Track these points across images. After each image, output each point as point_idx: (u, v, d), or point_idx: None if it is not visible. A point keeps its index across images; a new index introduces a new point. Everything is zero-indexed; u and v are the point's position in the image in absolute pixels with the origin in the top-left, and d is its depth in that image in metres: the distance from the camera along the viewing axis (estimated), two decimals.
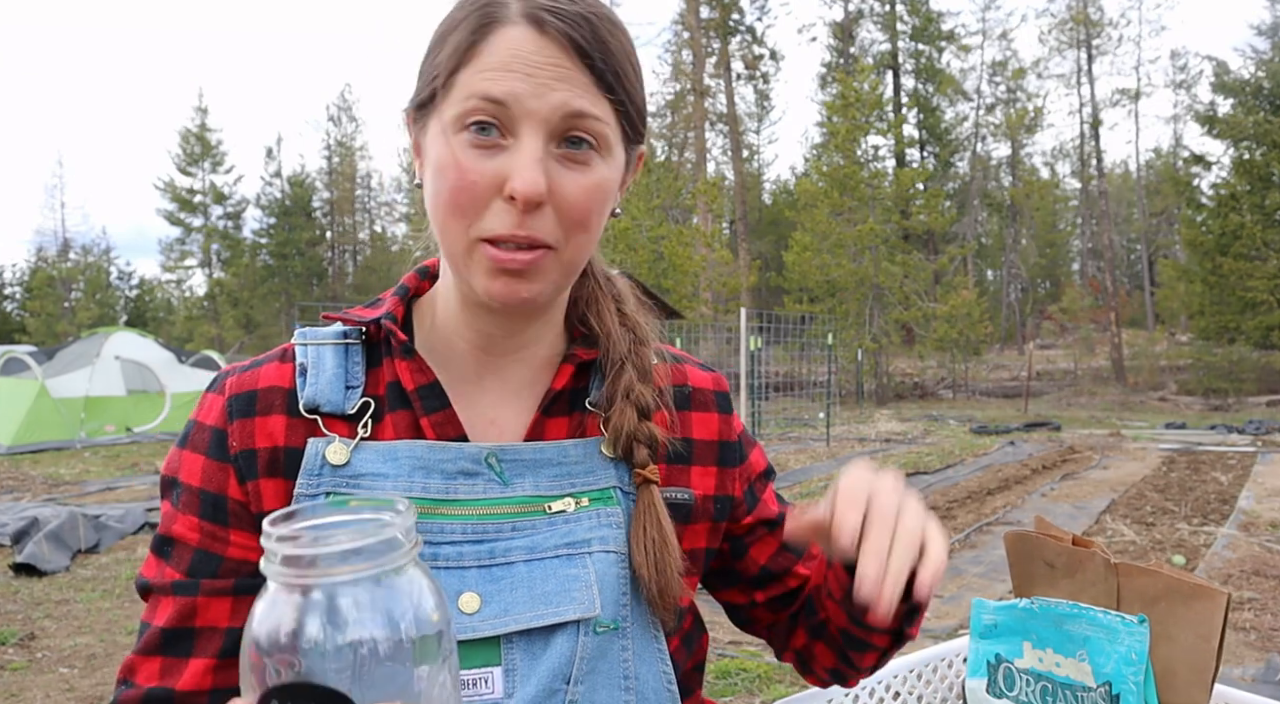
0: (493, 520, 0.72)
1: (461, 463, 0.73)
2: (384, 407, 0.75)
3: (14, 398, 12.55)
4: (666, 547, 0.75)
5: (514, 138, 0.68)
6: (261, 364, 0.77)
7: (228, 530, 0.72)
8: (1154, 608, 0.91)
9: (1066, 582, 1.00)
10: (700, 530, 0.83)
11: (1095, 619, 0.94)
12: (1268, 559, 5.42)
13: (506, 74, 0.67)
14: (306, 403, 0.73)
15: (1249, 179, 20.44)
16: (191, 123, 38.41)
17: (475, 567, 0.71)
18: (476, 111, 0.67)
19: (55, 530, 5.98)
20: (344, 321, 0.79)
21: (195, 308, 40.97)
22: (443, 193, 0.69)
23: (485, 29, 0.68)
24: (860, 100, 22.00)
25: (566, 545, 0.73)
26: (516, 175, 0.67)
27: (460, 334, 0.78)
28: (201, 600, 0.71)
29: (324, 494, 0.71)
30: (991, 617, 1.03)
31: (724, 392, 0.90)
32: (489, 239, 0.69)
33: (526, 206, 0.67)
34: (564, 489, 0.76)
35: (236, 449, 0.72)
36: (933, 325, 22.22)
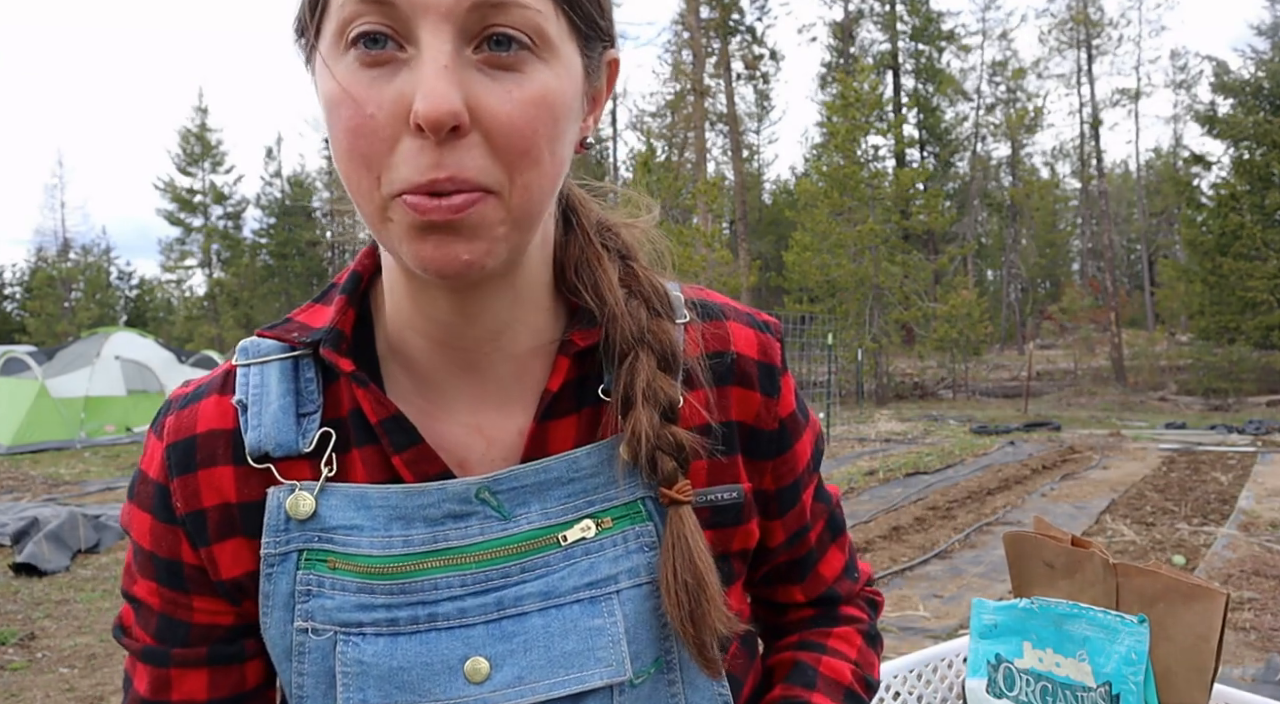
0: (496, 565, 0.60)
1: (447, 505, 0.60)
2: (349, 436, 0.62)
3: (14, 398, 12.55)
4: (704, 591, 0.60)
5: (414, 46, 0.51)
6: (201, 399, 0.64)
7: (189, 596, 0.63)
8: (1153, 608, 0.91)
9: (1066, 582, 1.00)
10: (753, 528, 0.70)
11: (1095, 619, 0.94)
12: (1268, 559, 5.42)
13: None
14: (252, 450, 0.61)
15: (1249, 179, 20.44)
16: (191, 123, 38.41)
17: (481, 623, 0.59)
18: (356, 16, 0.50)
19: (55, 530, 5.98)
20: (283, 339, 0.63)
21: (195, 308, 40.95)
22: (339, 138, 0.52)
23: None
24: (860, 100, 22.00)
25: (589, 586, 0.61)
26: (419, 93, 0.49)
27: (412, 326, 0.62)
28: (175, 672, 0.64)
29: (296, 552, 0.60)
30: (991, 617, 1.03)
31: (770, 363, 0.70)
32: (404, 191, 0.52)
33: (439, 134, 0.49)
34: (580, 511, 0.62)
35: (183, 511, 0.61)
36: (933, 325, 22.22)
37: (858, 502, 7.69)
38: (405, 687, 0.58)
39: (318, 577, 0.60)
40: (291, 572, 0.60)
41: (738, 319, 0.70)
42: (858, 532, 6.38)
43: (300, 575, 0.60)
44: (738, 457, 0.68)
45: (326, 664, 0.59)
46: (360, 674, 0.58)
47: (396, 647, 0.58)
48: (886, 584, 5.14)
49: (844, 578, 0.80)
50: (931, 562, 5.62)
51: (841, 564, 0.80)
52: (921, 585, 5.11)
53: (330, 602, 0.59)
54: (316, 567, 0.60)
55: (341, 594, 0.59)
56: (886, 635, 4.27)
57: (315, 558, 0.60)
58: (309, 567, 0.60)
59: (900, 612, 4.63)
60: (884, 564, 5.53)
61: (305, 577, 0.60)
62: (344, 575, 0.59)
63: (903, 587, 5.09)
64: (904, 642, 4.16)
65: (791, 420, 0.72)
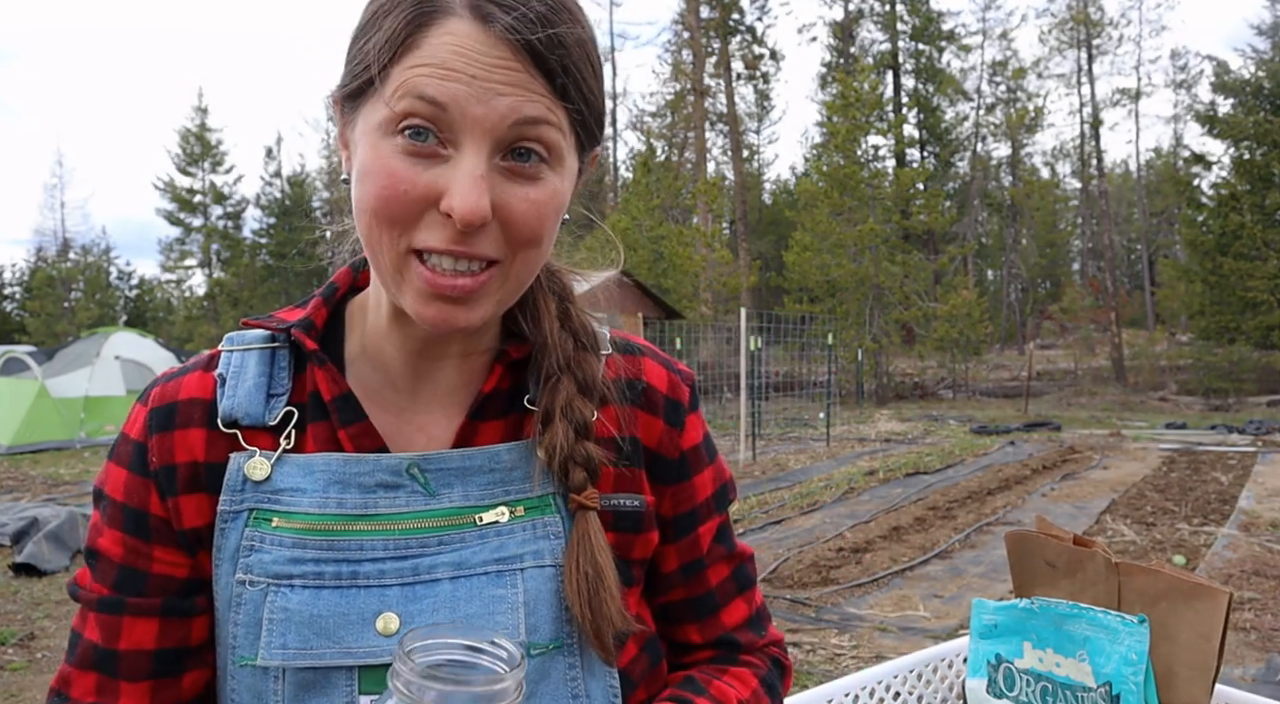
0: (417, 535, 0.68)
1: (380, 475, 0.69)
2: (307, 415, 0.71)
3: (14, 398, 12.55)
4: (602, 582, 0.68)
5: (454, 148, 0.61)
6: (186, 373, 0.73)
7: (150, 546, 0.70)
8: (1155, 607, 0.91)
9: (1067, 581, 1.00)
10: (649, 539, 0.77)
11: (1095, 619, 0.93)
12: (1268, 559, 5.42)
13: (448, 74, 0.60)
14: (224, 417, 0.70)
15: (1249, 179, 20.45)
16: (191, 123, 38.43)
17: (397, 585, 0.67)
18: (412, 114, 0.60)
19: (55, 530, 5.98)
20: (264, 327, 0.74)
21: (195, 308, 40.96)
22: (369, 199, 0.62)
23: (425, 18, 0.60)
24: (860, 100, 22.00)
25: (497, 561, 0.68)
26: (456, 194, 0.60)
27: (390, 340, 0.73)
28: (128, 620, 0.69)
29: (247, 511, 0.67)
30: (992, 617, 1.03)
31: (676, 400, 0.79)
32: (422, 250, 0.63)
33: (466, 227, 0.61)
34: (496, 498, 0.70)
35: (156, 464, 0.69)
36: (933, 325, 22.23)
37: (858, 502, 7.69)
38: (322, 633, 0.65)
39: (260, 533, 0.67)
40: (240, 528, 0.68)
41: (655, 359, 0.81)
42: (858, 531, 6.38)
43: (246, 532, 0.67)
44: (641, 472, 0.77)
45: (258, 614, 0.66)
46: (284, 620, 0.65)
47: (319, 598, 0.66)
48: (886, 584, 5.14)
49: (747, 629, 0.83)
50: (932, 562, 5.62)
51: (745, 616, 0.84)
52: (922, 585, 5.11)
53: (267, 556, 0.67)
54: (261, 525, 0.68)
55: (278, 549, 0.67)
56: (886, 636, 4.27)
57: (262, 517, 0.68)
58: (255, 524, 0.68)
59: (900, 612, 4.63)
60: (884, 564, 5.53)
61: (250, 533, 0.67)
62: (282, 532, 0.67)
63: (903, 587, 5.09)
64: (904, 642, 4.16)
65: (694, 453, 0.80)
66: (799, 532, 6.51)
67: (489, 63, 0.60)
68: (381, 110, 0.61)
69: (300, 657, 0.65)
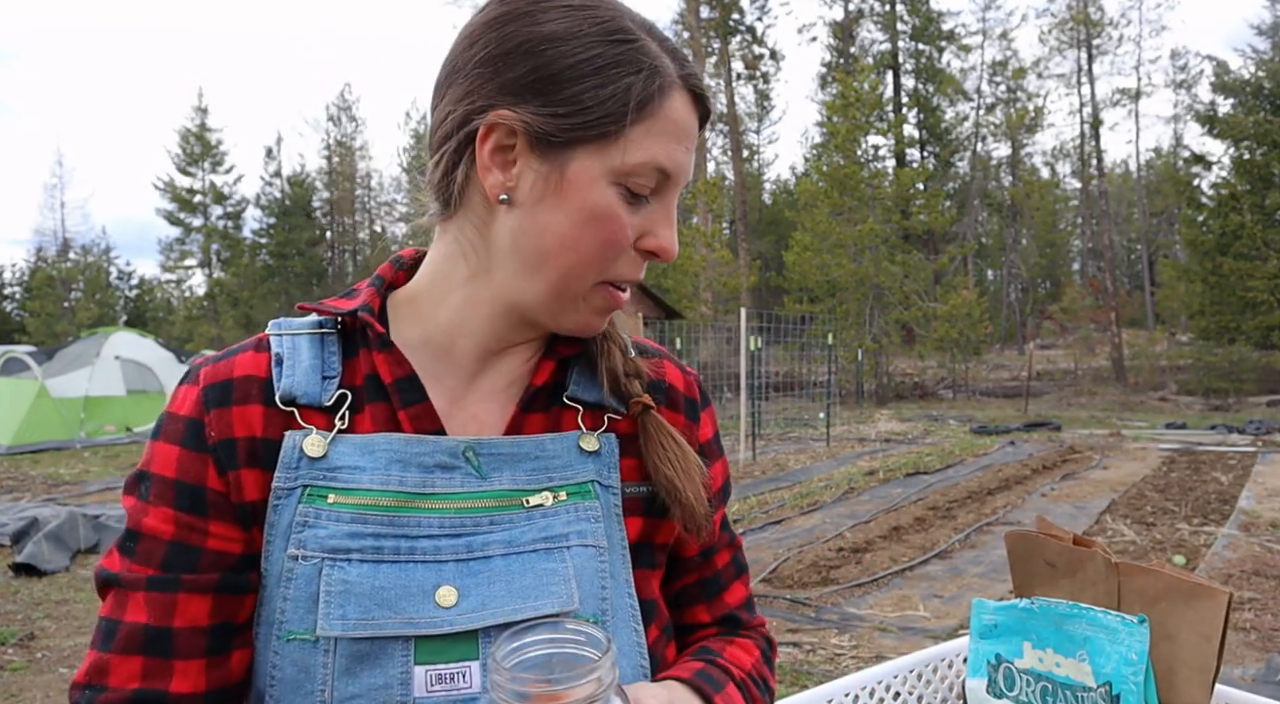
0: (470, 514, 0.72)
1: (439, 456, 0.73)
2: (362, 398, 0.75)
3: (14, 398, 12.55)
4: (687, 457, 0.78)
5: (655, 197, 0.73)
6: (236, 353, 0.76)
7: (206, 521, 0.70)
8: (1155, 607, 0.91)
9: (1067, 581, 1.00)
10: (672, 525, 0.82)
11: (1095, 619, 0.94)
12: (1268, 559, 5.42)
13: (675, 146, 0.72)
14: (283, 394, 0.72)
15: (1249, 179, 20.45)
16: (191, 123, 38.42)
17: (453, 561, 0.70)
18: (644, 176, 0.71)
19: (55, 530, 5.99)
20: (319, 312, 0.78)
21: (195, 308, 40.96)
22: (591, 241, 0.71)
23: (662, 90, 0.71)
24: (860, 100, 22.00)
25: (544, 539, 0.73)
26: (665, 238, 0.74)
27: (469, 335, 0.77)
28: (182, 596, 0.69)
29: (301, 488, 0.70)
30: (991, 617, 1.03)
31: (693, 397, 0.88)
32: (615, 281, 0.74)
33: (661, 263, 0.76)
34: (541, 483, 0.75)
35: (215, 439, 0.71)
36: (933, 325, 22.23)
37: (858, 502, 7.69)
38: (384, 604, 0.67)
39: (315, 509, 0.70)
40: (294, 505, 0.70)
41: (670, 361, 0.90)
42: (858, 531, 6.38)
43: (300, 508, 0.70)
44: None
45: (310, 589, 0.68)
46: (343, 592, 0.67)
47: (379, 571, 0.68)
48: (886, 584, 5.14)
49: (744, 609, 0.92)
50: (931, 562, 5.62)
51: (743, 597, 0.92)
52: (921, 585, 5.11)
53: (323, 531, 0.69)
54: (316, 501, 0.70)
55: (335, 524, 0.69)
56: (886, 636, 4.27)
57: (316, 494, 0.70)
58: (309, 501, 0.70)
59: (900, 612, 4.63)
60: (884, 564, 5.53)
61: (304, 509, 0.70)
62: (340, 508, 0.70)
63: (903, 587, 5.09)
64: (904, 642, 4.16)
65: (709, 446, 0.89)
66: (799, 532, 6.51)
67: (692, 135, 0.73)
68: (612, 162, 0.70)
69: (361, 626, 0.67)
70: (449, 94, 0.74)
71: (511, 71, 0.70)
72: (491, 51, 0.71)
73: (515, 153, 0.71)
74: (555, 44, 0.70)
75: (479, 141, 0.71)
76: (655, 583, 0.82)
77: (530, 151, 0.71)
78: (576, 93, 0.69)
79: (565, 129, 0.69)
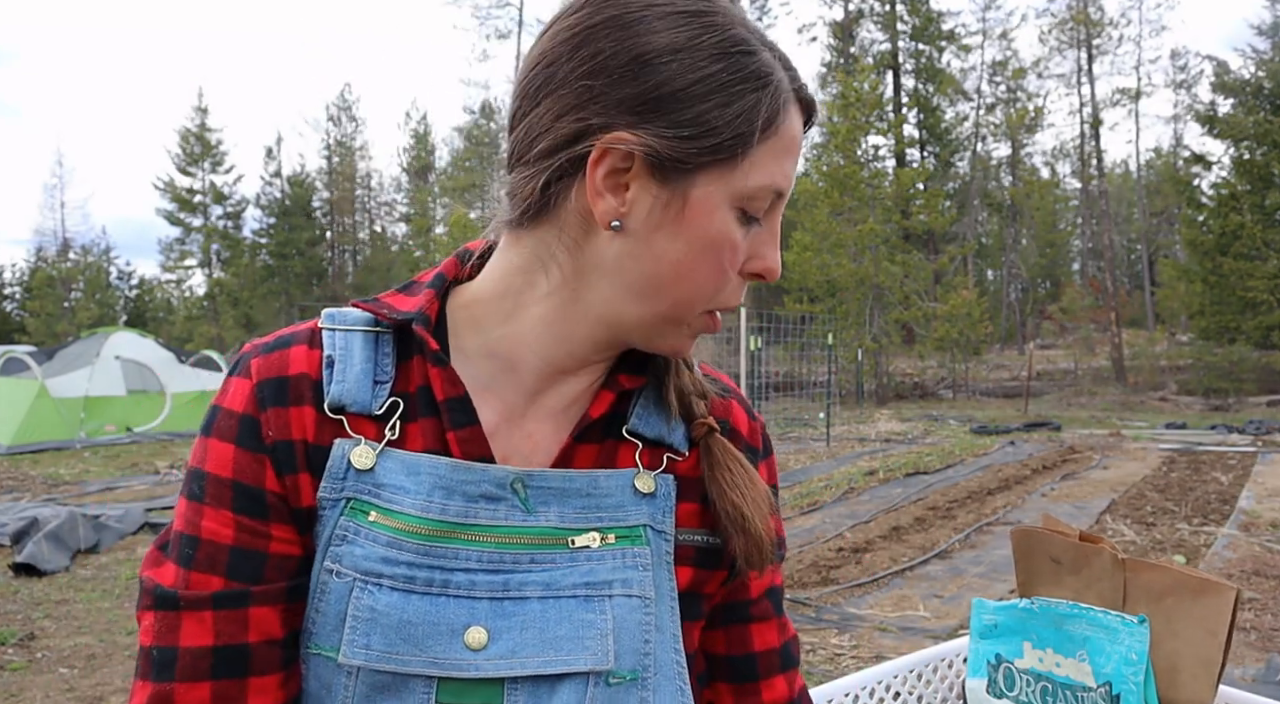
0: (511, 551, 0.68)
1: (485, 486, 0.68)
2: (415, 410, 0.70)
3: (14, 398, 12.55)
4: (755, 485, 0.74)
5: (765, 217, 0.70)
6: (290, 345, 0.71)
7: (268, 524, 0.67)
8: (1161, 603, 0.91)
9: (1073, 578, 1.00)
10: (720, 576, 0.78)
11: (1095, 619, 0.93)
12: (1268, 559, 5.42)
13: (790, 163, 0.68)
14: (331, 402, 0.68)
15: (1249, 179, 20.45)
16: (191, 123, 38.43)
17: (487, 598, 0.66)
18: (765, 200, 0.68)
19: (55, 530, 5.99)
20: (375, 312, 0.72)
21: (195, 308, 40.97)
22: (708, 269, 0.67)
23: (785, 106, 0.67)
24: (860, 100, 22.00)
25: (586, 585, 0.68)
26: (771, 259, 0.70)
27: (539, 352, 0.72)
28: (255, 611, 0.65)
29: (345, 500, 0.67)
30: (991, 617, 1.03)
31: (755, 446, 0.83)
32: (719, 309, 0.71)
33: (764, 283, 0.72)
34: (590, 523, 0.70)
35: (274, 439, 0.67)
36: (933, 325, 22.22)
37: (857, 502, 7.69)
38: (410, 640, 0.64)
39: (355, 525, 0.66)
40: (335, 517, 0.67)
41: (739, 402, 0.84)
42: (858, 531, 6.38)
43: (341, 521, 0.67)
44: None
45: (340, 607, 0.65)
46: (370, 620, 0.64)
47: (409, 603, 0.65)
48: (886, 584, 5.14)
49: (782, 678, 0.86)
50: (931, 562, 5.62)
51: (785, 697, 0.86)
52: (921, 585, 5.11)
53: (360, 550, 0.66)
54: (357, 516, 0.67)
55: (371, 545, 0.66)
56: (886, 636, 4.27)
57: (359, 508, 0.67)
58: (351, 515, 0.67)
59: (900, 612, 4.63)
60: (884, 564, 5.53)
61: (345, 523, 0.67)
62: (379, 528, 0.66)
63: (903, 587, 5.09)
64: (904, 642, 4.16)
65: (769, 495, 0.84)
66: (799, 531, 6.51)
67: (801, 149, 0.70)
68: (734, 186, 0.66)
69: (384, 660, 0.64)
70: (546, 103, 0.66)
71: (627, 87, 0.64)
72: (603, 62, 0.64)
73: (630, 176, 0.66)
74: (674, 57, 0.64)
75: (591, 164, 0.65)
76: (697, 635, 0.78)
77: (649, 176, 0.65)
78: (700, 113, 0.64)
79: (691, 153, 0.64)
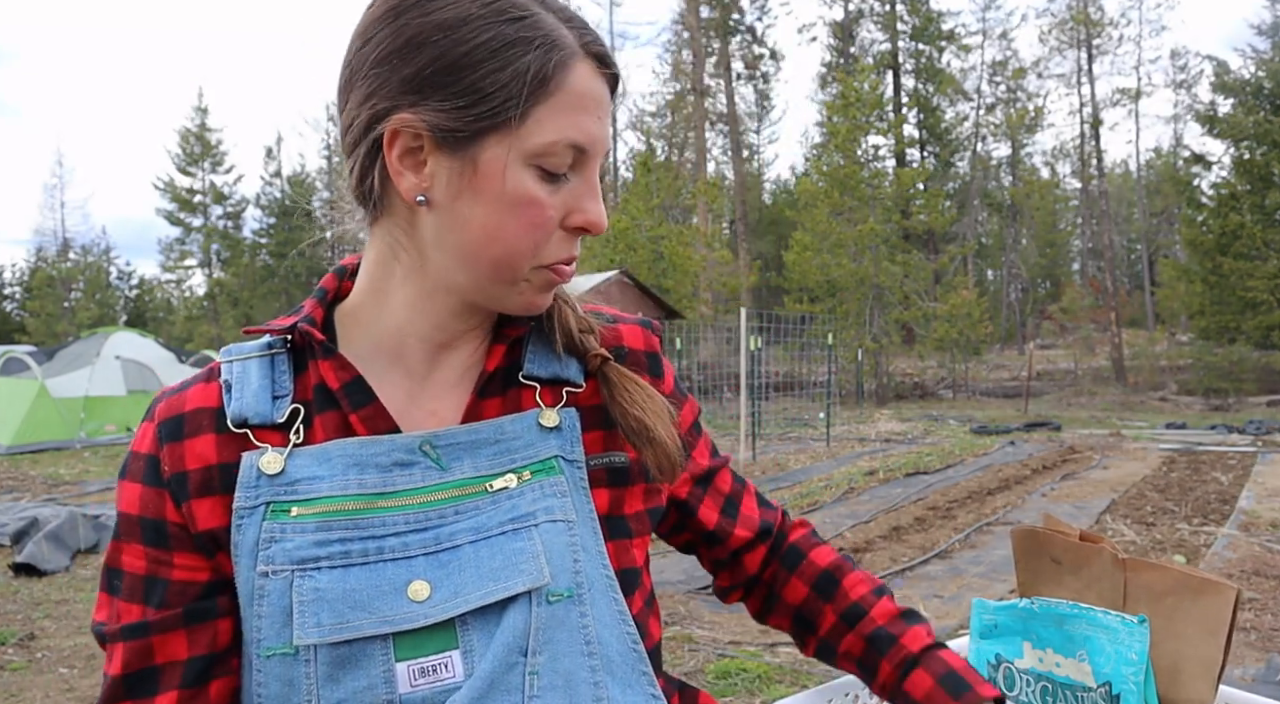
0: (435, 507, 0.72)
1: (396, 454, 0.72)
2: (313, 410, 0.74)
3: (14, 398, 12.55)
4: (654, 399, 0.79)
5: (574, 174, 0.72)
6: (189, 386, 0.76)
7: (171, 553, 0.72)
8: (1162, 603, 0.91)
9: (1073, 578, 1.00)
10: (637, 492, 0.83)
11: (1095, 619, 0.94)
12: (1268, 559, 5.42)
13: (585, 118, 0.70)
14: (234, 418, 0.73)
15: (1249, 179, 20.44)
16: (191, 123, 38.43)
17: (421, 555, 0.70)
18: (563, 156, 0.70)
19: (55, 530, 5.98)
20: (264, 332, 0.78)
21: (195, 308, 40.97)
22: (515, 229, 0.70)
23: (561, 63, 0.69)
24: (860, 100, 22.00)
25: (511, 521, 0.73)
26: (592, 212, 0.73)
27: (417, 332, 0.77)
28: (156, 639, 0.71)
29: (263, 505, 0.70)
30: (991, 617, 1.03)
31: (654, 352, 0.89)
32: (550, 265, 0.73)
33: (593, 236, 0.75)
34: (504, 466, 0.75)
35: (169, 473, 0.72)
36: (933, 325, 22.23)
37: (857, 502, 7.69)
38: (357, 606, 0.67)
39: (279, 525, 0.70)
40: (258, 523, 0.70)
41: (625, 321, 0.90)
42: (858, 531, 6.38)
43: (265, 525, 0.70)
44: None
45: (282, 602, 0.68)
46: (316, 600, 0.67)
47: (349, 575, 0.68)
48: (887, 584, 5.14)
49: (767, 510, 0.97)
50: (932, 562, 5.62)
51: (756, 501, 0.97)
52: (922, 585, 5.11)
53: (290, 544, 0.69)
54: (279, 517, 0.70)
55: (300, 536, 0.69)
56: None
57: (279, 509, 0.70)
58: (273, 517, 0.70)
59: None
60: (884, 564, 5.53)
61: (269, 526, 0.70)
62: (304, 519, 0.70)
63: (903, 587, 5.09)
64: None
65: (674, 396, 0.89)
66: None
67: (602, 102, 0.72)
68: (522, 145, 0.69)
69: (336, 631, 0.67)
70: (352, 97, 0.72)
71: (408, 67, 0.68)
72: (385, 48, 0.69)
73: (425, 153, 0.70)
74: (448, 32, 0.68)
75: (386, 147, 0.70)
76: (637, 552, 0.82)
77: (439, 150, 0.69)
78: (474, 81, 0.68)
79: (469, 121, 0.68)
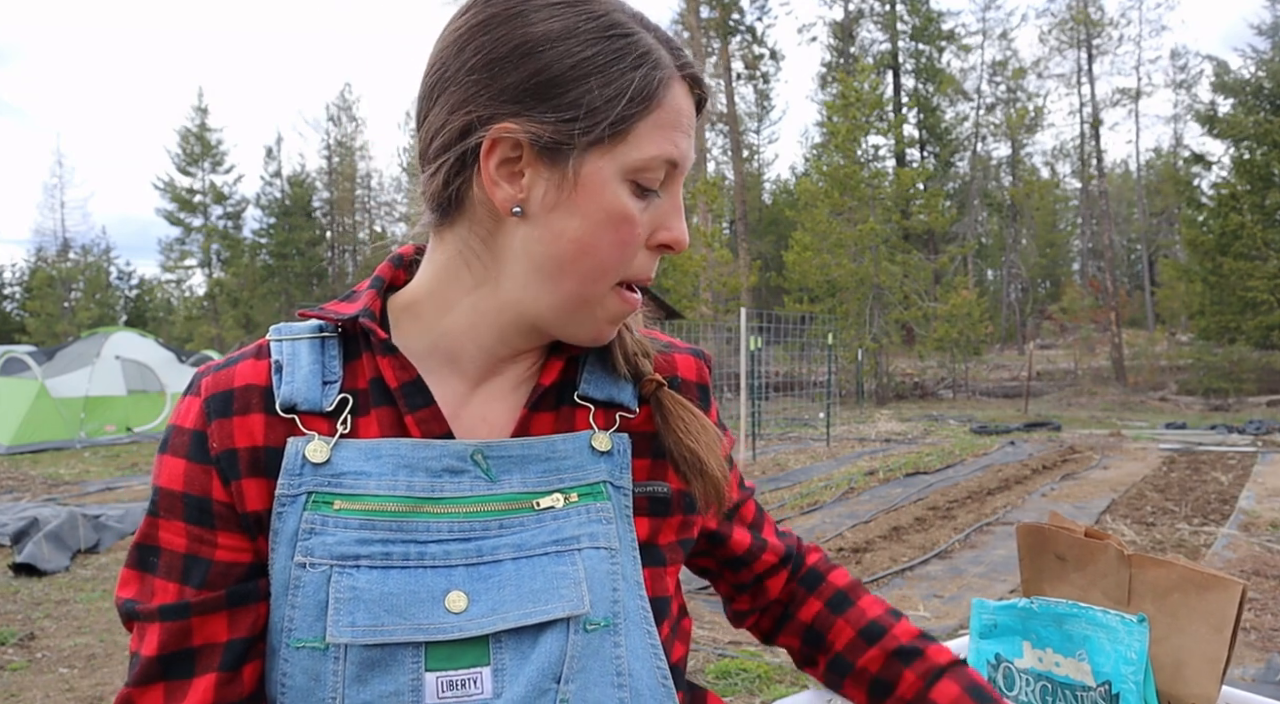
0: (480, 518, 0.71)
1: (447, 460, 0.72)
2: (367, 402, 0.74)
3: (14, 398, 12.55)
4: (707, 430, 0.79)
5: (664, 189, 0.73)
6: (236, 362, 0.75)
7: (214, 533, 0.70)
8: (1167, 599, 0.91)
9: (1077, 574, 0.99)
10: (674, 523, 0.82)
11: (1095, 618, 0.94)
12: (1268, 559, 5.42)
13: (679, 136, 0.71)
14: (283, 402, 0.72)
15: (1249, 179, 20.44)
16: (191, 123, 38.43)
17: (463, 565, 0.69)
18: (658, 172, 0.71)
19: (55, 530, 5.98)
20: (320, 318, 0.77)
21: (195, 308, 40.98)
22: (608, 242, 0.70)
23: (663, 82, 0.70)
24: (860, 100, 22.00)
25: (555, 542, 0.72)
26: (677, 229, 0.74)
27: (479, 342, 0.76)
28: (196, 620, 0.69)
29: (305, 494, 0.69)
30: (991, 617, 1.03)
31: (705, 384, 0.89)
32: (631, 281, 0.74)
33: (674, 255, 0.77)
34: (552, 485, 0.74)
35: (217, 450, 0.70)
36: (933, 325, 22.22)
37: (858, 502, 7.69)
38: (393, 610, 0.67)
39: (320, 517, 0.69)
40: (299, 512, 0.69)
41: (680, 351, 0.90)
42: (858, 531, 6.38)
43: (305, 515, 0.69)
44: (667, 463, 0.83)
45: (318, 596, 0.67)
46: (352, 599, 0.67)
47: (388, 577, 0.68)
48: (886, 584, 5.14)
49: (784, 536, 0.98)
50: (932, 562, 5.61)
51: (774, 530, 0.98)
52: (921, 585, 5.11)
53: (331, 538, 0.68)
54: (321, 508, 0.69)
55: (343, 531, 0.68)
56: None
57: (321, 500, 0.69)
58: (314, 508, 0.69)
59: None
60: (884, 564, 5.53)
61: (309, 517, 0.69)
62: (347, 515, 0.69)
63: (903, 587, 5.09)
64: None
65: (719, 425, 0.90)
66: (799, 531, 6.51)
67: (693, 122, 0.73)
68: (622, 160, 0.69)
69: (370, 634, 0.66)
70: (440, 102, 0.71)
71: (509, 77, 0.68)
72: (485, 56, 0.68)
73: (522, 164, 0.69)
74: (552, 45, 0.68)
75: (483, 156, 0.69)
76: (670, 580, 0.82)
77: (539, 161, 0.69)
78: (579, 95, 0.68)
79: (574, 134, 0.68)
